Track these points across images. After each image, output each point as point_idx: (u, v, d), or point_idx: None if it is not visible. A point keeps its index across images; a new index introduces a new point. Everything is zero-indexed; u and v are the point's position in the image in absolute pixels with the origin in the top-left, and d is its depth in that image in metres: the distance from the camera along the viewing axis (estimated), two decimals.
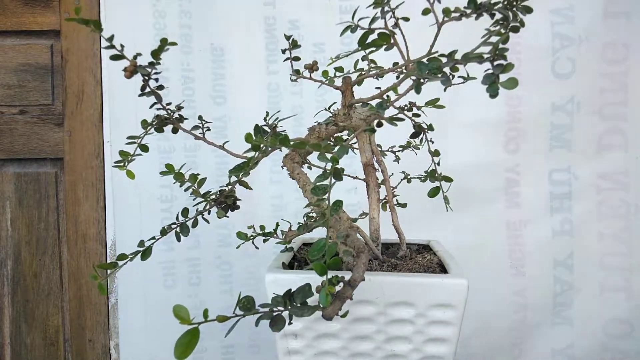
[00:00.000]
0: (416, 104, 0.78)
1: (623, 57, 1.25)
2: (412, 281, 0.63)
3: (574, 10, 1.25)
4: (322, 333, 0.65)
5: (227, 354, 1.29)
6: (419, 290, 0.63)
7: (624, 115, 1.26)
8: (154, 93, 0.66)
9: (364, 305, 0.63)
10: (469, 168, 1.26)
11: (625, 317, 1.28)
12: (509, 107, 1.27)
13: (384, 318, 0.64)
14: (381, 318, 0.64)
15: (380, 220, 0.76)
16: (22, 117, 1.28)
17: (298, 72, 0.77)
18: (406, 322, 0.64)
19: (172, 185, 1.28)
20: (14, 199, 1.29)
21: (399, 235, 0.79)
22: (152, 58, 0.57)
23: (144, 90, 0.65)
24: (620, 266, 1.27)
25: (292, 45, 0.76)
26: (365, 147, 0.76)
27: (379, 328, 0.64)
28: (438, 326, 0.64)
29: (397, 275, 0.65)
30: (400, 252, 0.78)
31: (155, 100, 0.68)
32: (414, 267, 0.71)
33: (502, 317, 1.29)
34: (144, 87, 0.64)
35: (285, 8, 1.27)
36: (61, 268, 1.30)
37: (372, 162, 0.76)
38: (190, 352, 0.38)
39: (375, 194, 0.76)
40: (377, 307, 0.63)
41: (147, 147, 0.72)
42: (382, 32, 0.60)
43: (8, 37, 1.27)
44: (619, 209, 1.27)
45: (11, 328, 1.29)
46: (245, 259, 1.27)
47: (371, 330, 0.64)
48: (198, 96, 1.28)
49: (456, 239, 1.24)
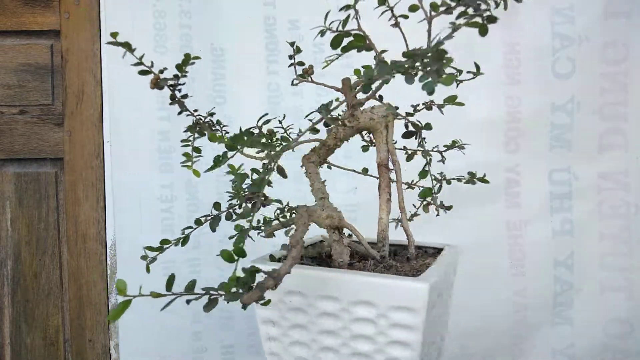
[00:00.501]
0: (434, 102, 0.78)
1: (623, 57, 1.25)
2: (370, 281, 0.63)
3: (574, 10, 1.24)
4: (295, 323, 0.68)
5: (227, 354, 1.29)
6: (379, 291, 0.62)
7: (624, 115, 1.26)
8: (179, 102, 0.74)
9: (328, 300, 0.65)
10: (469, 168, 1.26)
11: (625, 317, 1.28)
12: (509, 107, 1.27)
13: (348, 315, 0.65)
14: (345, 315, 0.65)
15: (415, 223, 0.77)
16: (22, 117, 1.28)
17: (303, 76, 0.78)
18: (368, 322, 0.64)
19: (172, 185, 1.28)
20: (14, 199, 1.29)
21: (408, 238, 0.78)
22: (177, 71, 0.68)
23: (173, 99, 0.73)
24: (620, 266, 1.27)
25: (296, 50, 0.78)
26: (382, 147, 0.76)
27: (344, 325, 0.65)
28: (400, 329, 0.62)
29: (357, 274, 0.65)
30: (408, 255, 0.77)
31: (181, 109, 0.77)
32: (404, 269, 0.70)
33: (502, 317, 1.29)
34: (173, 96, 0.72)
35: (285, 8, 1.27)
36: (61, 268, 1.30)
37: (386, 162, 0.76)
38: (119, 317, 0.46)
39: (385, 194, 0.76)
40: (341, 303, 0.64)
41: (200, 149, 0.78)
42: (357, 34, 0.61)
43: (8, 37, 1.27)
44: (619, 209, 1.27)
45: (11, 328, 1.29)
46: (245, 258, 1.27)
47: (337, 327, 0.66)
48: (198, 96, 1.28)
49: (456, 239, 1.24)
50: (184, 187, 1.27)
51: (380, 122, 0.75)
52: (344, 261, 0.73)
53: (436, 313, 0.66)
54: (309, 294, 0.66)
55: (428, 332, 0.63)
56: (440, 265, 0.69)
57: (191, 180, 1.27)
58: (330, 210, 0.74)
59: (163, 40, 1.25)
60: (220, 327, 1.29)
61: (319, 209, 0.70)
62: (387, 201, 0.76)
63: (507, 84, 1.27)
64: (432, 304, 0.61)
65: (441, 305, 0.68)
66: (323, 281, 0.65)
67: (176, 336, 1.28)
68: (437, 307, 0.66)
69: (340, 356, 0.67)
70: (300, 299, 0.68)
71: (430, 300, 0.60)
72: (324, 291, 0.65)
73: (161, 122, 1.27)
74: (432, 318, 0.64)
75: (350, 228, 0.74)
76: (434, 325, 0.65)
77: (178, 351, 1.28)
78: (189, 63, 0.68)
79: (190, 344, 1.28)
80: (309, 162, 0.75)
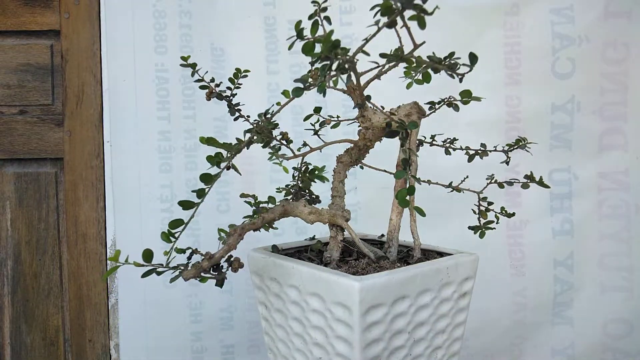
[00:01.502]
0: (454, 97, 0.77)
1: (623, 57, 1.25)
2: (313, 273, 0.66)
3: (574, 10, 1.25)
4: (276, 308, 0.75)
5: (227, 354, 1.29)
6: (323, 285, 0.65)
7: (624, 115, 1.26)
8: (236, 110, 0.85)
9: (293, 289, 0.70)
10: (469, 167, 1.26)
11: (625, 317, 1.28)
12: (509, 107, 1.27)
13: (306, 305, 0.68)
14: (304, 305, 0.68)
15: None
16: (22, 117, 1.28)
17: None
18: (320, 314, 0.66)
19: (172, 185, 1.28)
20: (14, 199, 1.29)
21: (414, 240, 0.78)
22: (230, 84, 0.82)
23: (231, 108, 0.84)
24: (620, 266, 1.27)
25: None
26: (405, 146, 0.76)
27: (305, 314, 0.69)
28: (342, 325, 0.63)
29: (306, 265, 0.69)
30: (414, 257, 0.77)
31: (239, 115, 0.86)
32: (378, 270, 0.71)
33: (502, 317, 1.29)
34: (230, 106, 0.83)
35: (285, 8, 1.27)
36: (61, 268, 1.30)
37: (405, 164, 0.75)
38: (109, 274, 0.62)
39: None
40: (302, 294, 0.68)
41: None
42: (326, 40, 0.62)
43: (8, 37, 1.27)
44: (619, 208, 1.27)
45: (11, 328, 1.29)
46: (246, 258, 1.27)
47: (301, 315, 0.70)
48: (198, 96, 1.28)
49: (456, 239, 1.24)
50: (184, 187, 1.27)
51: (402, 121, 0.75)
52: (331, 257, 0.76)
53: (389, 329, 0.64)
54: (282, 282, 0.72)
55: (369, 339, 0.62)
56: (396, 272, 0.66)
57: (191, 180, 1.27)
58: (337, 209, 0.75)
59: (163, 40, 1.25)
60: (220, 327, 1.29)
61: (302, 204, 0.74)
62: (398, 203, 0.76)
63: (507, 84, 1.27)
64: (368, 304, 0.61)
65: (397, 320, 0.66)
66: (289, 271, 0.71)
67: (176, 336, 1.28)
68: (391, 321, 0.64)
69: (304, 343, 0.70)
70: (277, 286, 0.73)
71: (363, 300, 0.60)
72: (290, 280, 0.70)
73: (161, 122, 1.27)
74: (383, 329, 0.63)
75: (344, 226, 0.75)
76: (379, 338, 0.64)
77: (178, 351, 1.28)
78: (242, 76, 0.81)
79: (190, 344, 1.28)
80: (339, 162, 0.80)
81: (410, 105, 0.75)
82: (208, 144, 0.63)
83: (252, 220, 0.67)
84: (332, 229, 0.77)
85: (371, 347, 0.63)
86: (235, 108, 0.83)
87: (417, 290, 0.67)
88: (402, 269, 0.67)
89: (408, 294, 0.66)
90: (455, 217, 1.24)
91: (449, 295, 0.72)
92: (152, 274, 0.61)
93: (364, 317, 0.61)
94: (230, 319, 1.29)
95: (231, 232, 0.63)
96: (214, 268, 0.59)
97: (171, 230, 0.61)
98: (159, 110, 1.27)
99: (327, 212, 0.75)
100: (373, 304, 0.62)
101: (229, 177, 1.28)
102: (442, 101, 0.79)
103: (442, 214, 1.24)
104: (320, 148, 0.80)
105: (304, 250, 0.84)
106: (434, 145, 0.87)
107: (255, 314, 1.29)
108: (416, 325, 0.68)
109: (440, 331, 0.72)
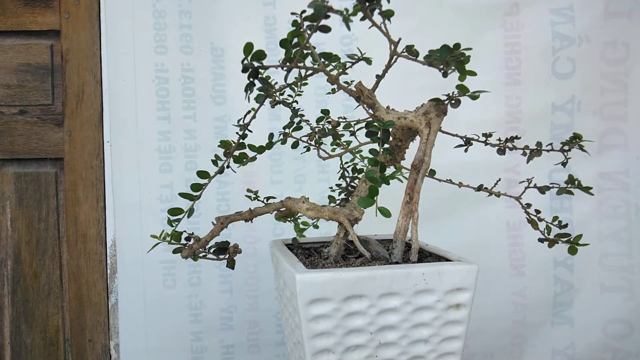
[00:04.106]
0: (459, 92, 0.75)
1: (623, 57, 1.25)
2: (285, 266, 0.72)
3: (574, 10, 1.25)
4: (281, 295, 0.81)
5: (227, 354, 1.29)
6: (288, 275, 0.70)
7: (624, 115, 1.26)
8: (297, 114, 0.90)
9: (280, 278, 0.77)
10: (469, 168, 1.26)
11: (625, 317, 1.28)
12: (509, 107, 1.27)
13: (283, 293, 0.76)
14: (287, 293, 0.73)
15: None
16: (22, 117, 1.28)
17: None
18: (289, 301, 0.72)
19: (172, 185, 1.28)
20: (14, 199, 1.29)
21: (412, 242, 0.78)
22: (291, 90, 0.87)
23: (294, 112, 0.90)
24: (620, 266, 1.27)
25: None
26: (420, 147, 0.75)
27: (284, 302, 0.76)
28: (295, 314, 0.69)
29: (287, 258, 0.75)
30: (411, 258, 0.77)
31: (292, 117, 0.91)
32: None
33: (502, 317, 1.29)
34: (292, 110, 0.90)
35: (285, 8, 1.27)
36: (61, 268, 1.30)
37: (420, 164, 0.75)
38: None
39: (406, 196, 0.76)
40: (286, 284, 0.73)
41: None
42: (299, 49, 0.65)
43: (8, 37, 1.27)
44: (619, 208, 1.27)
45: (11, 328, 1.29)
46: (246, 258, 1.27)
47: (286, 302, 0.75)
48: (198, 96, 1.28)
49: (456, 239, 1.24)
50: (184, 187, 1.27)
51: (419, 120, 0.75)
52: (329, 252, 0.79)
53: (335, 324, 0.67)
54: (278, 271, 0.80)
55: (316, 330, 0.66)
56: (343, 271, 0.67)
57: (191, 180, 1.27)
58: (350, 207, 0.76)
59: (163, 40, 1.25)
60: (220, 327, 1.29)
61: (301, 200, 0.77)
62: (406, 203, 0.76)
63: (507, 84, 1.27)
64: (310, 297, 0.65)
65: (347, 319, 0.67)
66: (279, 262, 0.78)
67: (176, 336, 1.28)
68: (341, 317, 0.67)
69: (291, 329, 0.75)
70: (277, 274, 0.82)
71: (302, 291, 0.64)
72: (279, 270, 0.78)
73: (161, 122, 1.27)
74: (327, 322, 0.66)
75: (345, 224, 0.76)
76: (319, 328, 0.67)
77: (178, 351, 1.28)
78: (302, 83, 0.85)
79: (190, 344, 1.28)
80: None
81: (429, 103, 0.75)
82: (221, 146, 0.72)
83: (240, 212, 0.76)
84: (339, 226, 0.79)
85: (320, 338, 0.67)
86: (299, 113, 0.89)
87: (378, 292, 0.67)
88: (352, 269, 0.68)
89: (365, 294, 0.67)
90: (455, 216, 1.24)
91: (430, 304, 0.68)
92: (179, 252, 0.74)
93: (307, 308, 0.65)
94: (230, 319, 1.29)
95: (214, 222, 0.75)
96: (214, 252, 0.75)
97: (170, 218, 0.73)
98: (159, 110, 1.27)
99: (328, 209, 0.76)
100: (317, 297, 0.65)
101: (229, 178, 1.28)
102: (448, 97, 0.77)
103: (443, 214, 1.25)
104: (355, 148, 0.83)
105: (325, 245, 0.85)
106: (487, 144, 0.88)
107: (255, 314, 1.29)
108: (381, 327, 0.68)
109: (421, 340, 0.70)
